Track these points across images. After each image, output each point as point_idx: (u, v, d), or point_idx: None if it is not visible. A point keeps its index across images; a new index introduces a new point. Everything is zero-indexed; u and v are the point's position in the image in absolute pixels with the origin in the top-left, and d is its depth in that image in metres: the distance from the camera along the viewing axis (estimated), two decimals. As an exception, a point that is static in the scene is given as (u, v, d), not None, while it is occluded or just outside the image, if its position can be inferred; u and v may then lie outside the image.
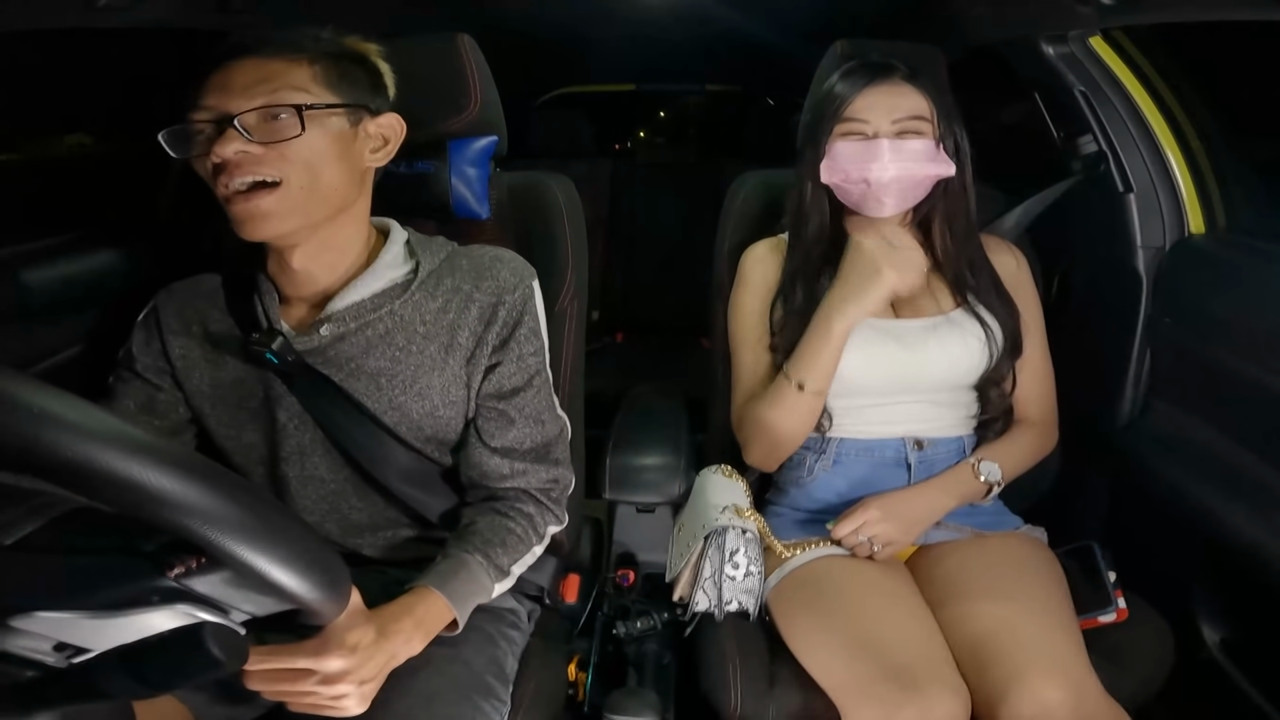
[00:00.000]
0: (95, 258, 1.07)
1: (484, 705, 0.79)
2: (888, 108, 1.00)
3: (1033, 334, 1.09)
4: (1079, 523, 1.23)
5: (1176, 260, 1.19)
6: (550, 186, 1.08)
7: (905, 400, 1.06)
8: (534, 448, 0.90)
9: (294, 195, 0.76)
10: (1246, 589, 1.05)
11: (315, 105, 0.76)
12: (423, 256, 0.88)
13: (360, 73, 0.82)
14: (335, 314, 0.84)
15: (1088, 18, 1.08)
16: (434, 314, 0.86)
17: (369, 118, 0.82)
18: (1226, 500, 1.01)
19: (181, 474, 0.43)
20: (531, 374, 0.89)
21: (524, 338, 0.88)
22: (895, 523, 1.00)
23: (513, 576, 0.87)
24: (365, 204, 0.87)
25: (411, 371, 0.85)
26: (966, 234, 1.08)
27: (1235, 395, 1.06)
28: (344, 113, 0.79)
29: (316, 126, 0.76)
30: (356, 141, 0.81)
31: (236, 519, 0.45)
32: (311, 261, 0.84)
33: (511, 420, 0.88)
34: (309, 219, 0.79)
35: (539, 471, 0.90)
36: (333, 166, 0.78)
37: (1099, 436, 1.26)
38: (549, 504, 0.91)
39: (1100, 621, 0.98)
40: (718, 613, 1.00)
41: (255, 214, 0.76)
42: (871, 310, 0.98)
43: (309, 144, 0.76)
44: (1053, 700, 0.81)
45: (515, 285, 0.88)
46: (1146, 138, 1.20)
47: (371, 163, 0.84)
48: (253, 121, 0.74)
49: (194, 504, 0.44)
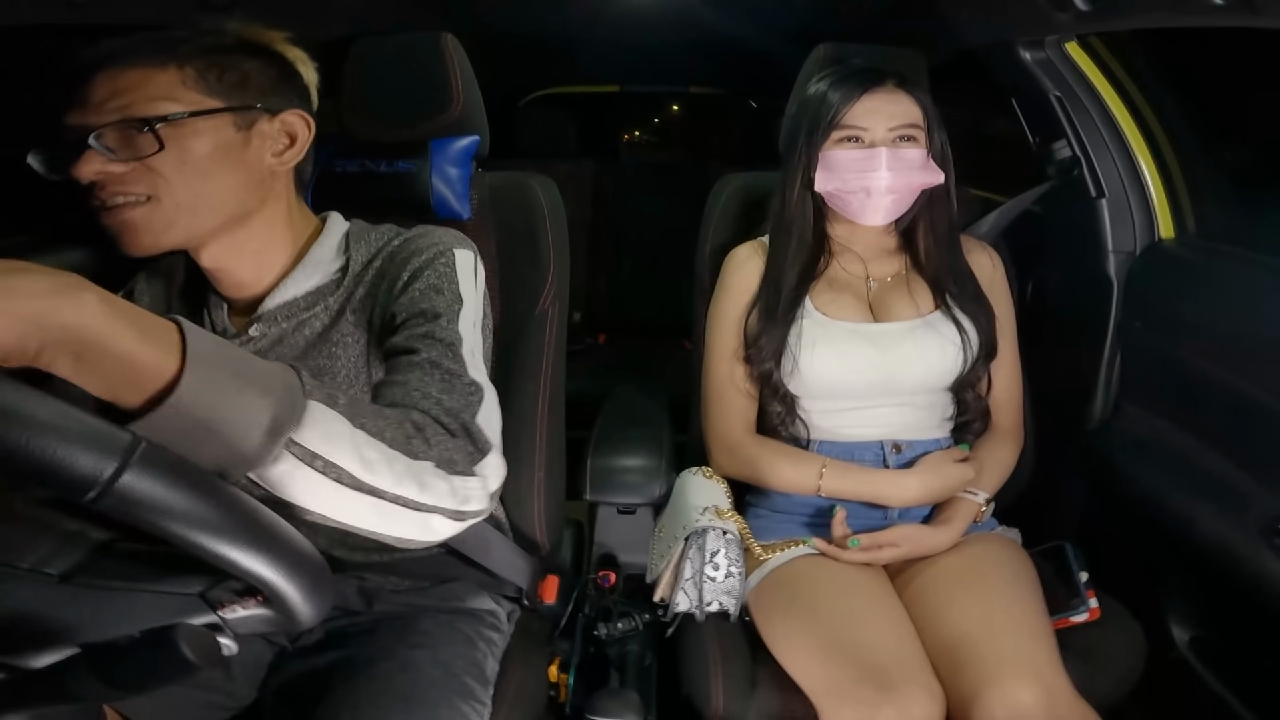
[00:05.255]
0: (64, 255, 1.05)
1: (463, 707, 0.79)
2: (885, 115, 1.01)
3: (1005, 336, 1.11)
4: (1052, 523, 1.25)
5: (1147, 265, 1.21)
6: (532, 187, 1.08)
7: (883, 403, 1.07)
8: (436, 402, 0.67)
9: (168, 211, 0.71)
10: (1215, 589, 1.07)
11: (173, 116, 0.69)
12: (356, 247, 0.84)
13: (255, 68, 0.76)
14: (266, 314, 0.82)
15: (1064, 23, 1.09)
16: (362, 301, 0.82)
17: (266, 118, 0.76)
18: (1195, 501, 1.03)
19: (170, 477, 0.41)
20: (425, 319, 0.74)
21: (420, 291, 0.77)
22: (909, 553, 1.01)
23: (350, 453, 0.52)
24: (282, 206, 0.82)
25: (351, 365, 0.82)
26: (949, 240, 1.09)
27: (1204, 398, 1.08)
28: (228, 117, 0.73)
29: (188, 137, 0.70)
30: (249, 146, 0.75)
31: (230, 524, 0.44)
32: (226, 263, 0.80)
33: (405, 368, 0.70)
34: (194, 231, 0.74)
35: (436, 399, 0.67)
36: (218, 178, 0.73)
37: (1072, 438, 1.28)
38: (448, 440, 0.63)
39: (1073, 621, 0.99)
40: (699, 614, 1.00)
41: (127, 228, 0.71)
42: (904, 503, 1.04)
43: (181, 157, 0.70)
44: (1025, 702, 0.82)
45: (427, 248, 0.81)
46: (1119, 143, 1.22)
47: (277, 165, 0.78)
48: (114, 138, 0.68)
49: (181, 508, 0.42)
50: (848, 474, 1.04)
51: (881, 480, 1.03)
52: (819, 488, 1.04)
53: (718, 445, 1.12)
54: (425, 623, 0.87)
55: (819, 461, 1.05)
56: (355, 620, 0.89)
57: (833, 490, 1.04)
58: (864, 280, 1.11)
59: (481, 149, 1.07)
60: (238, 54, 0.76)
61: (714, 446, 1.13)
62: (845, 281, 1.11)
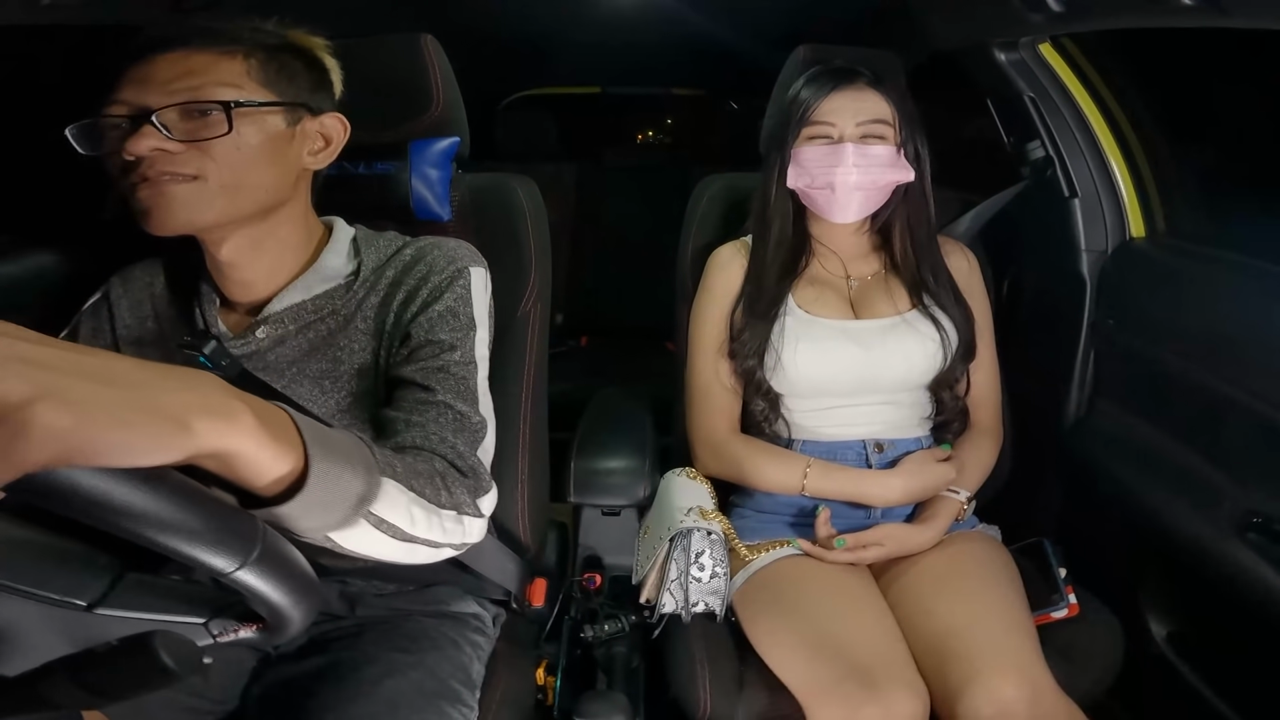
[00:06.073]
0: (35, 258, 1.03)
1: (450, 711, 0.78)
2: (852, 111, 1.02)
3: (983, 336, 1.12)
4: (1031, 520, 1.26)
5: (1118, 263, 1.23)
6: (513, 188, 1.07)
7: (865, 402, 1.08)
8: (451, 447, 0.75)
9: (211, 191, 0.72)
10: (1190, 584, 1.09)
11: (245, 103, 0.72)
12: (367, 253, 0.85)
13: (301, 68, 0.78)
14: (273, 316, 0.82)
15: (1037, 24, 1.11)
16: (373, 309, 0.83)
17: (309, 117, 0.79)
18: (1169, 497, 1.04)
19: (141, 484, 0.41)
20: (441, 349, 0.79)
21: (439, 315, 0.80)
22: (892, 552, 1.02)
23: (403, 512, 0.58)
24: (302, 205, 0.83)
25: (355, 371, 0.82)
26: (927, 240, 1.10)
27: (1176, 394, 1.10)
28: (280, 111, 0.75)
29: (247, 124, 0.72)
30: (293, 142, 0.77)
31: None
32: (241, 257, 0.80)
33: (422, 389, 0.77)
34: (227, 216, 0.74)
35: (451, 443, 0.74)
36: (262, 167, 0.75)
37: (1049, 435, 1.29)
38: (460, 481, 0.71)
39: (1053, 617, 1.00)
40: (684, 614, 1.00)
41: (164, 202, 0.71)
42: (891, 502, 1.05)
43: (236, 143, 0.72)
44: (1009, 698, 0.83)
45: (444, 266, 0.83)
46: (1091, 144, 1.24)
47: (310, 164, 0.80)
48: (173, 118, 0.70)
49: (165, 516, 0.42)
50: (832, 474, 1.05)
51: (865, 480, 1.04)
52: (803, 487, 1.04)
53: (702, 445, 1.13)
54: (410, 627, 0.86)
55: (803, 461, 1.05)
56: (338, 625, 0.88)
57: (817, 490, 1.04)
58: (844, 279, 1.12)
59: (462, 150, 1.06)
60: (287, 53, 0.77)
61: (698, 446, 1.13)
62: (826, 280, 1.12)
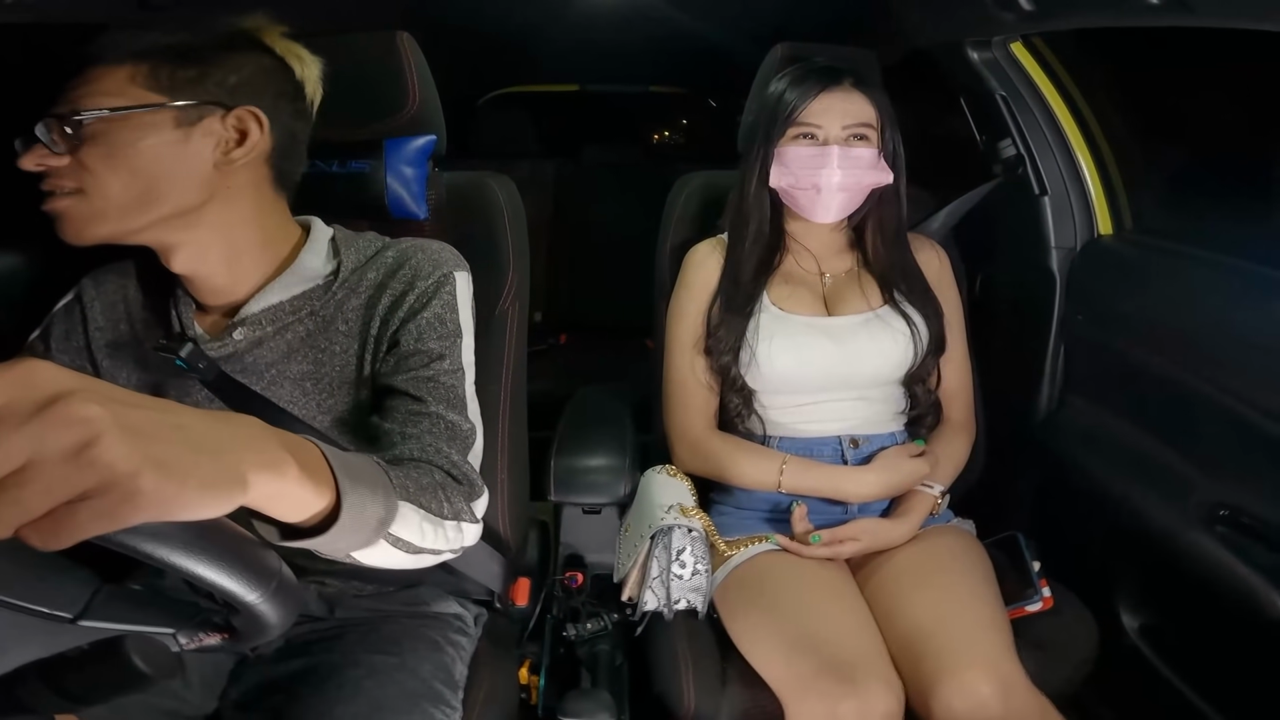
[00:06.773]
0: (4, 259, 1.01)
1: (434, 712, 0.78)
2: (840, 113, 1.03)
3: (954, 331, 1.14)
4: (1005, 514, 1.27)
5: (1087, 260, 1.25)
6: (491, 186, 1.07)
7: (839, 397, 1.09)
8: (446, 457, 0.77)
9: (95, 204, 0.71)
10: (1162, 575, 1.11)
11: (93, 112, 0.69)
12: (346, 253, 0.84)
13: (219, 66, 0.75)
14: (250, 317, 0.81)
15: (1009, 23, 1.12)
16: (356, 311, 0.83)
17: (217, 115, 0.74)
18: (1139, 490, 1.06)
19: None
20: (430, 359, 0.80)
21: (427, 323, 0.81)
22: (869, 547, 1.03)
23: (415, 528, 0.62)
24: (248, 205, 0.79)
25: (337, 373, 0.82)
26: (896, 238, 1.12)
27: (1144, 388, 1.12)
28: (168, 113, 0.72)
29: (117, 132, 0.70)
30: (189, 143, 0.73)
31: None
32: (196, 268, 0.79)
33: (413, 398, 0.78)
34: (125, 225, 0.73)
35: (446, 454, 0.77)
36: (148, 172, 0.72)
37: (1021, 430, 1.31)
38: (458, 490, 0.75)
39: (1027, 611, 1.01)
40: (667, 612, 1.01)
41: (59, 219, 0.72)
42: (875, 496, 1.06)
43: (106, 152, 0.70)
44: (982, 693, 0.84)
45: (430, 271, 0.83)
46: (1060, 142, 1.26)
47: (224, 163, 0.75)
48: (56, 131, 0.70)
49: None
50: (808, 470, 1.06)
51: (840, 476, 1.05)
52: (779, 484, 1.05)
53: (680, 441, 1.13)
54: (391, 628, 0.86)
55: (779, 458, 1.06)
56: (317, 627, 0.87)
57: (793, 486, 1.05)
58: (818, 276, 1.13)
59: (438, 148, 1.06)
60: (211, 50, 0.75)
61: (676, 443, 1.14)
62: (801, 277, 1.13)
